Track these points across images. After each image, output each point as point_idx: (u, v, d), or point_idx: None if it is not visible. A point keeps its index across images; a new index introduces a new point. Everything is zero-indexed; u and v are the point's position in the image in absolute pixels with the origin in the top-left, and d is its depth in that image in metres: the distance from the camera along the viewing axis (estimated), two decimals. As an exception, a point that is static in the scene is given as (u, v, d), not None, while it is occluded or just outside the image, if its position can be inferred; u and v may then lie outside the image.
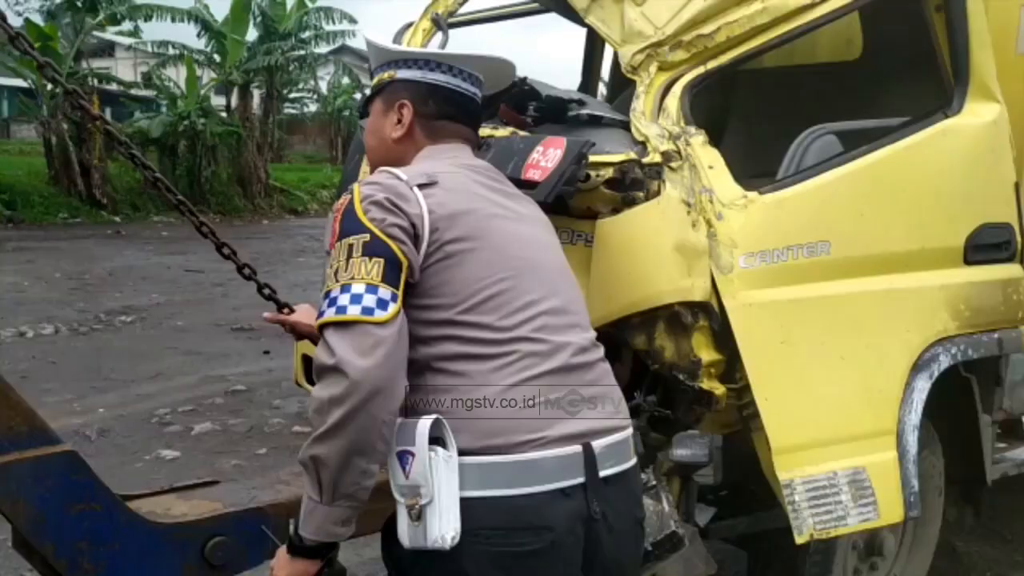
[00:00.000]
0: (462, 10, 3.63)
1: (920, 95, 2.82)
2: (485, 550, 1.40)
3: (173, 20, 19.33)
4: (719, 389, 2.29)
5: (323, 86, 30.89)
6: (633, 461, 1.61)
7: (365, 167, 3.22)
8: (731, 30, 2.57)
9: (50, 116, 17.20)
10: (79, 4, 17.64)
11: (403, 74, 1.72)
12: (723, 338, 2.30)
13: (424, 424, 1.40)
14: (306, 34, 21.67)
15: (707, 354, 2.29)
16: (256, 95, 22.07)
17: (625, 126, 2.54)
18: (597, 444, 1.50)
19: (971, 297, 2.63)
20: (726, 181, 2.40)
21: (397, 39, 3.61)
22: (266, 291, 2.25)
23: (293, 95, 29.96)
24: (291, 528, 1.48)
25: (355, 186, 1.53)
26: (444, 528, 1.37)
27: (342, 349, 1.37)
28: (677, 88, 2.55)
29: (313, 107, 32.75)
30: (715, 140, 2.60)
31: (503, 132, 2.70)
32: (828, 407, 2.35)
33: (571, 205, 2.38)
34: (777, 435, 2.26)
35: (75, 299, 8.85)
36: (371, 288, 1.40)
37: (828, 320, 2.41)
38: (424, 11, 3.55)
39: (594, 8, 2.93)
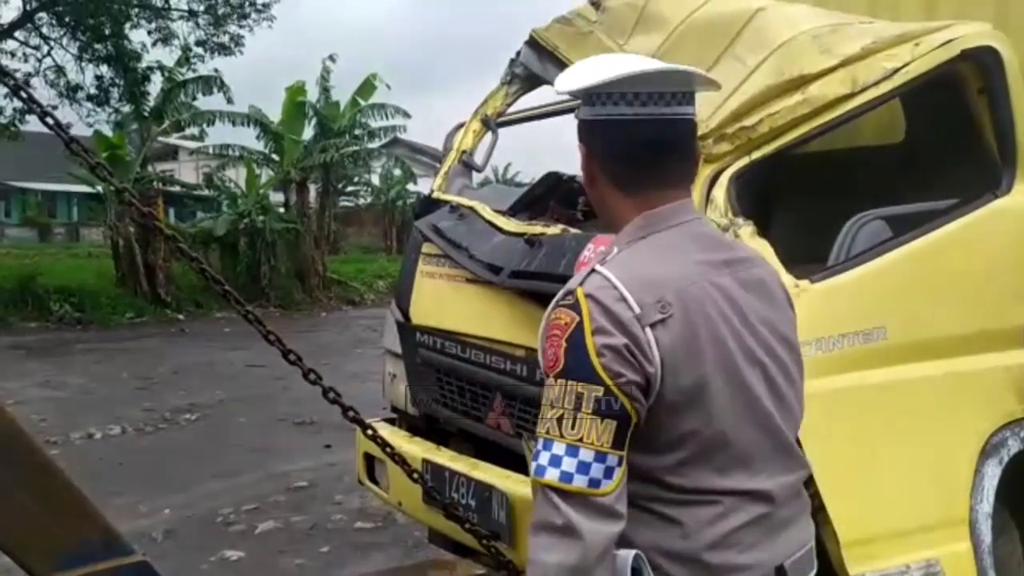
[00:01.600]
0: (510, 110, 3.76)
1: (967, 177, 2.82)
2: None
3: (234, 124, 20.21)
4: (782, 482, 2.26)
5: (375, 178, 31.72)
6: (814, 569, 1.55)
7: (422, 265, 3.32)
8: (773, 121, 2.62)
9: (117, 220, 17.93)
10: (145, 114, 18.57)
11: (584, 114, 1.46)
12: (783, 429, 2.27)
13: (625, 559, 1.33)
14: (359, 131, 22.40)
15: (768, 446, 2.27)
16: (312, 190, 22.75)
17: (673, 219, 2.58)
18: (788, 562, 1.45)
19: (1037, 378, 2.58)
20: (777, 271, 2.42)
21: (448, 141, 3.75)
22: (331, 395, 2.32)
23: (348, 188, 30.83)
24: None
25: (580, 295, 1.34)
26: None
27: (571, 513, 1.29)
28: (723, 179, 2.60)
29: (368, 199, 33.61)
30: (763, 225, 2.62)
31: (554, 229, 2.77)
32: (896, 498, 2.30)
33: (623, 301, 2.41)
34: (845, 528, 2.21)
35: (141, 398, 9.06)
36: (600, 456, 1.29)
37: (889, 407, 2.38)
38: (474, 112, 3.70)
39: (637, 104, 3.02)
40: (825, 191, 3.49)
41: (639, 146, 1.43)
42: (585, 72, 1.45)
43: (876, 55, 2.69)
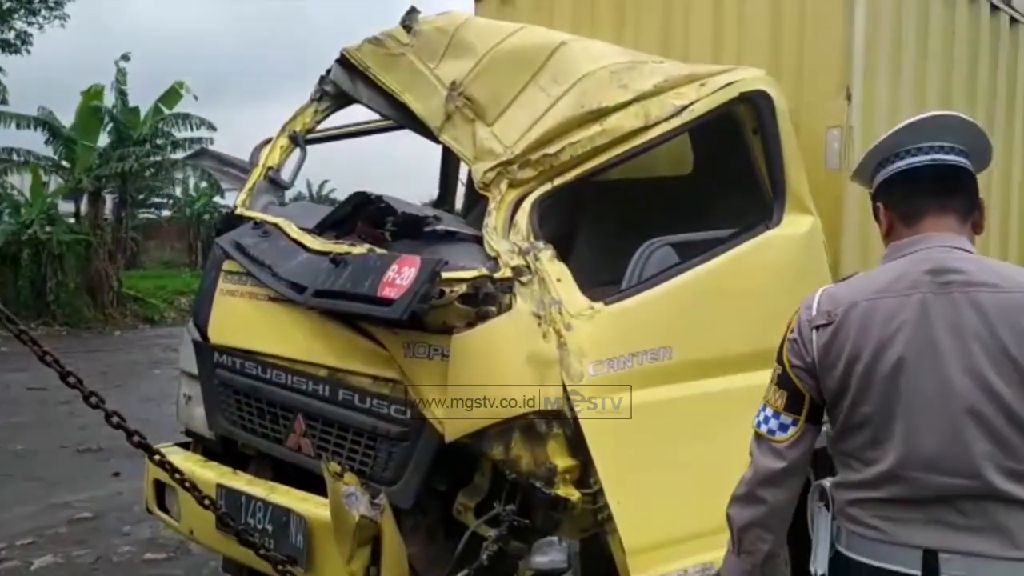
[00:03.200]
0: (320, 127, 3.72)
1: (745, 208, 3.07)
2: None
3: (19, 127, 18.60)
4: (574, 495, 2.36)
5: (180, 191, 30.18)
6: None
7: (223, 283, 3.20)
8: (574, 150, 2.75)
9: None
10: (-89, 112, 16.78)
11: (878, 179, 1.79)
12: (577, 444, 2.38)
13: (816, 487, 1.80)
14: (161, 140, 21.23)
15: (562, 461, 2.36)
16: (109, 200, 21.32)
17: (479, 241, 2.64)
18: (947, 557, 1.58)
19: (807, 393, 2.84)
20: (573, 293, 2.53)
21: (254, 156, 3.66)
22: (115, 419, 2.19)
23: (150, 200, 29.14)
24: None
25: (800, 305, 1.77)
26: (817, 565, 1.75)
27: (754, 447, 1.79)
28: (526, 204, 2.69)
29: (171, 211, 31.87)
30: (568, 247, 2.73)
31: (360, 249, 2.76)
32: (677, 506, 2.46)
33: (427, 321, 2.44)
34: (630, 537, 2.33)
35: (-102, 425, 8.12)
36: (775, 414, 1.76)
37: (673, 422, 2.54)
38: (282, 128, 3.63)
39: (447, 127, 3.08)
40: (624, 218, 3.69)
41: (907, 189, 1.73)
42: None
43: (667, 92, 2.89)
